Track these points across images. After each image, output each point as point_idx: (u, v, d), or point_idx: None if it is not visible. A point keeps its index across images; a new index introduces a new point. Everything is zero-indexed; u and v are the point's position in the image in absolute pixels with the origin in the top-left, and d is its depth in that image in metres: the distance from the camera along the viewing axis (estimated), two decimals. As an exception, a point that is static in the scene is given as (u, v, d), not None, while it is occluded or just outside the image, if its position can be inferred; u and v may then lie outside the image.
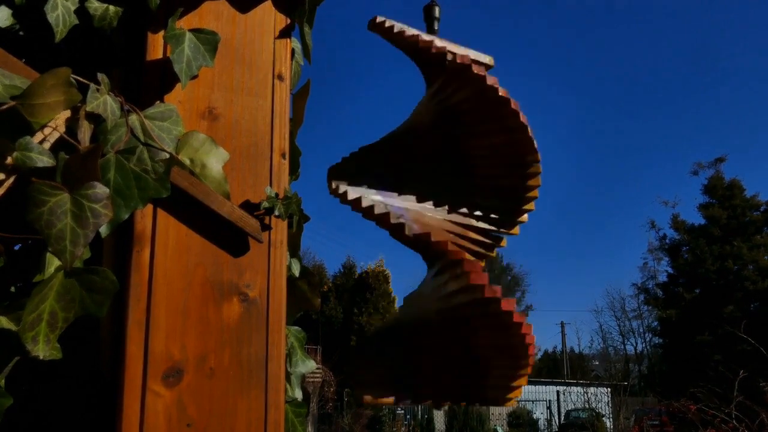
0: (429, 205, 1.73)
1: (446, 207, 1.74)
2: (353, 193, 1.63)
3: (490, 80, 1.59)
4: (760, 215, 23.17)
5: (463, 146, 1.74)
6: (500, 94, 1.58)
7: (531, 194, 1.74)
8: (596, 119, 61.07)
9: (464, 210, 1.75)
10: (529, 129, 1.62)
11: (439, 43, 1.67)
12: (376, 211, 1.59)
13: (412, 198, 1.71)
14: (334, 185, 1.65)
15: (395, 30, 1.67)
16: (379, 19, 1.68)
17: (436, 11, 1.82)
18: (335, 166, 1.71)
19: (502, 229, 1.77)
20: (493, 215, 1.76)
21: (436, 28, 1.81)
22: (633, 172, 59.19)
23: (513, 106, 1.59)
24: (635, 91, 59.85)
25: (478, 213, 1.75)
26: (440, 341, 1.60)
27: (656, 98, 59.80)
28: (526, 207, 1.75)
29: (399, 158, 1.77)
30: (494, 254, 1.79)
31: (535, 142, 1.64)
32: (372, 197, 1.64)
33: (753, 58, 56.14)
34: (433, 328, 1.61)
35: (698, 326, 21.65)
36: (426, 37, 1.69)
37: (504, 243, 1.79)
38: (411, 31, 1.68)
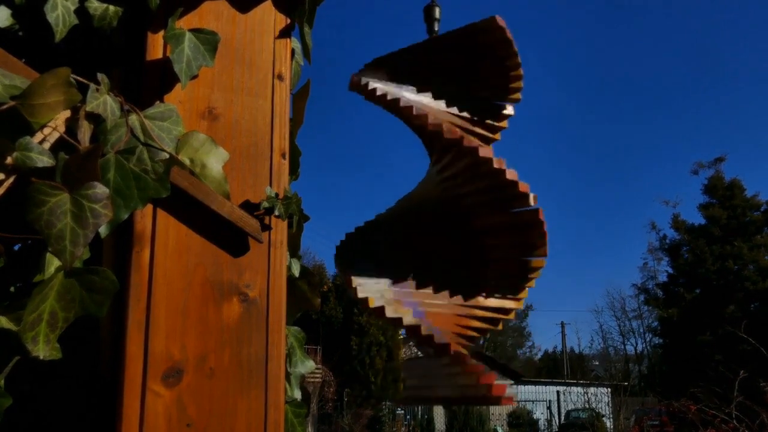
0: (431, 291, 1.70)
1: (451, 291, 1.71)
2: (363, 285, 1.59)
3: (497, 163, 1.53)
4: (761, 215, 23.14)
5: (469, 225, 1.70)
6: (507, 177, 1.53)
7: (534, 276, 1.71)
8: (596, 119, 61.10)
9: (471, 299, 1.71)
10: (540, 212, 1.58)
11: (432, 112, 1.57)
12: (377, 303, 1.57)
13: (415, 283, 1.67)
14: (341, 271, 1.63)
15: (378, 93, 1.57)
16: (363, 81, 1.61)
17: (437, 12, 1.82)
18: (342, 247, 1.69)
19: (508, 302, 1.75)
20: (498, 295, 1.73)
21: (436, 29, 1.81)
22: (633, 172, 59.25)
23: (522, 188, 1.53)
24: (635, 90, 59.89)
25: (483, 303, 1.72)
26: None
27: (656, 98, 59.83)
28: (529, 284, 1.73)
29: (405, 236, 1.75)
30: (500, 326, 1.79)
31: (544, 223, 1.59)
32: (378, 286, 1.61)
33: (753, 58, 56.17)
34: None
35: (698, 326, 21.63)
36: (417, 104, 1.59)
37: (512, 315, 1.78)
38: (402, 95, 1.57)
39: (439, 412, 19.64)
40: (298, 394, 1.34)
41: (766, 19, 55.53)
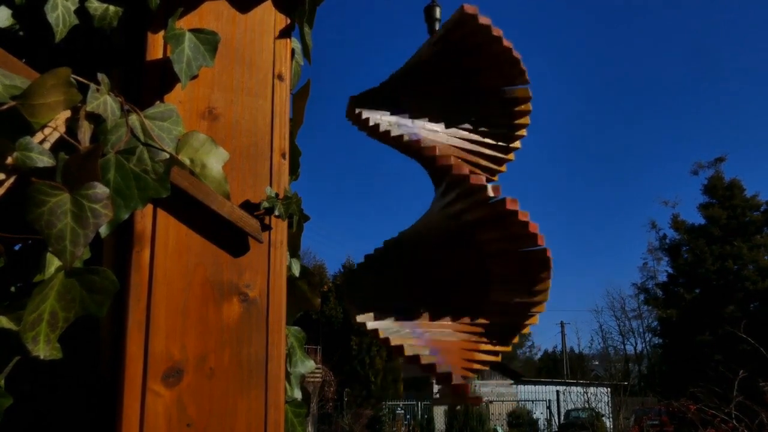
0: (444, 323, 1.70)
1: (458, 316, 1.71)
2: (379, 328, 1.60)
3: (444, 160, 1.52)
4: (760, 215, 23.15)
5: (463, 224, 1.70)
6: (455, 172, 1.53)
7: (542, 267, 1.70)
8: (597, 119, 61.14)
9: (484, 299, 1.71)
10: (507, 202, 1.56)
11: (435, 145, 1.57)
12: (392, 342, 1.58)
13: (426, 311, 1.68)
14: (348, 304, 1.63)
15: (371, 123, 1.56)
16: (357, 109, 1.60)
17: (437, 12, 1.82)
18: (349, 279, 1.70)
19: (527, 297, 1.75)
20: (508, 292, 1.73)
21: (437, 29, 1.80)
22: (633, 172, 59.31)
23: (474, 181, 1.52)
24: (635, 90, 59.92)
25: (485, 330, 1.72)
26: None
27: (656, 98, 59.86)
28: (543, 275, 1.72)
29: (412, 258, 1.75)
30: (536, 320, 1.79)
31: (519, 213, 1.58)
32: (392, 327, 1.62)
33: (753, 58, 56.18)
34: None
35: (698, 326, 21.64)
36: (410, 131, 1.58)
37: (543, 308, 1.78)
38: (393, 125, 1.56)
39: (439, 412, 19.62)
40: (298, 394, 1.34)
41: (766, 19, 55.57)
